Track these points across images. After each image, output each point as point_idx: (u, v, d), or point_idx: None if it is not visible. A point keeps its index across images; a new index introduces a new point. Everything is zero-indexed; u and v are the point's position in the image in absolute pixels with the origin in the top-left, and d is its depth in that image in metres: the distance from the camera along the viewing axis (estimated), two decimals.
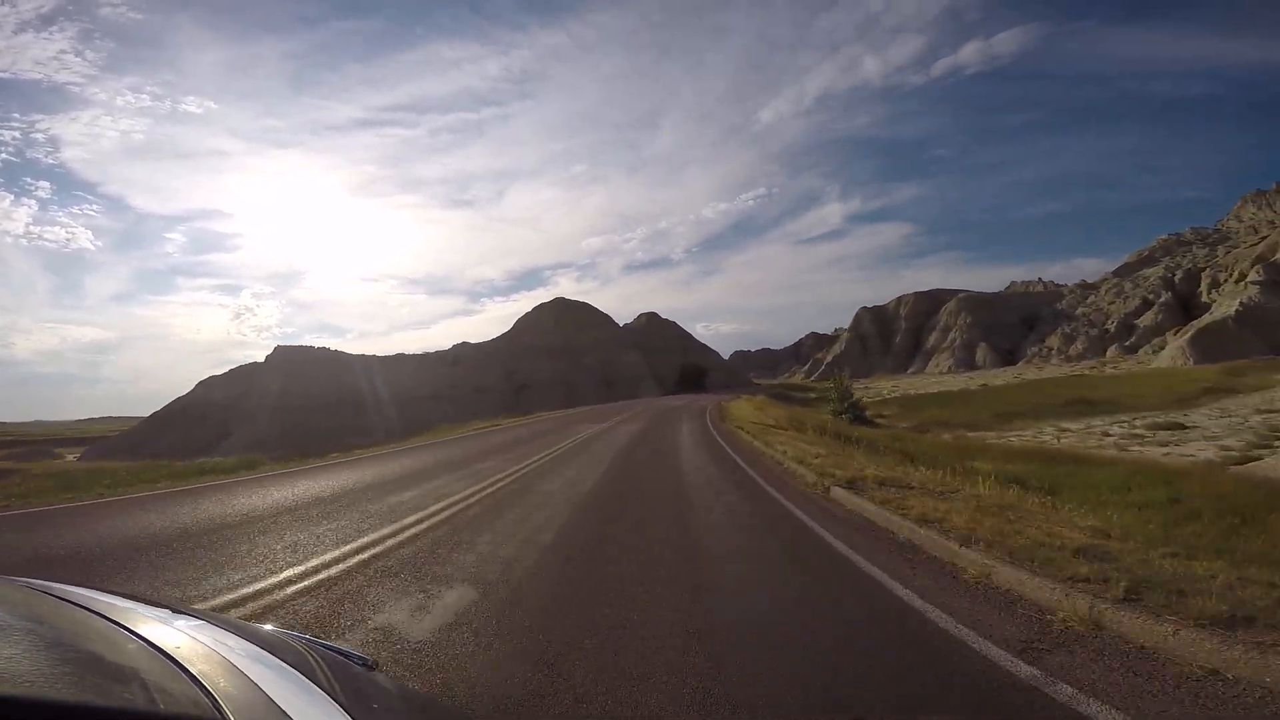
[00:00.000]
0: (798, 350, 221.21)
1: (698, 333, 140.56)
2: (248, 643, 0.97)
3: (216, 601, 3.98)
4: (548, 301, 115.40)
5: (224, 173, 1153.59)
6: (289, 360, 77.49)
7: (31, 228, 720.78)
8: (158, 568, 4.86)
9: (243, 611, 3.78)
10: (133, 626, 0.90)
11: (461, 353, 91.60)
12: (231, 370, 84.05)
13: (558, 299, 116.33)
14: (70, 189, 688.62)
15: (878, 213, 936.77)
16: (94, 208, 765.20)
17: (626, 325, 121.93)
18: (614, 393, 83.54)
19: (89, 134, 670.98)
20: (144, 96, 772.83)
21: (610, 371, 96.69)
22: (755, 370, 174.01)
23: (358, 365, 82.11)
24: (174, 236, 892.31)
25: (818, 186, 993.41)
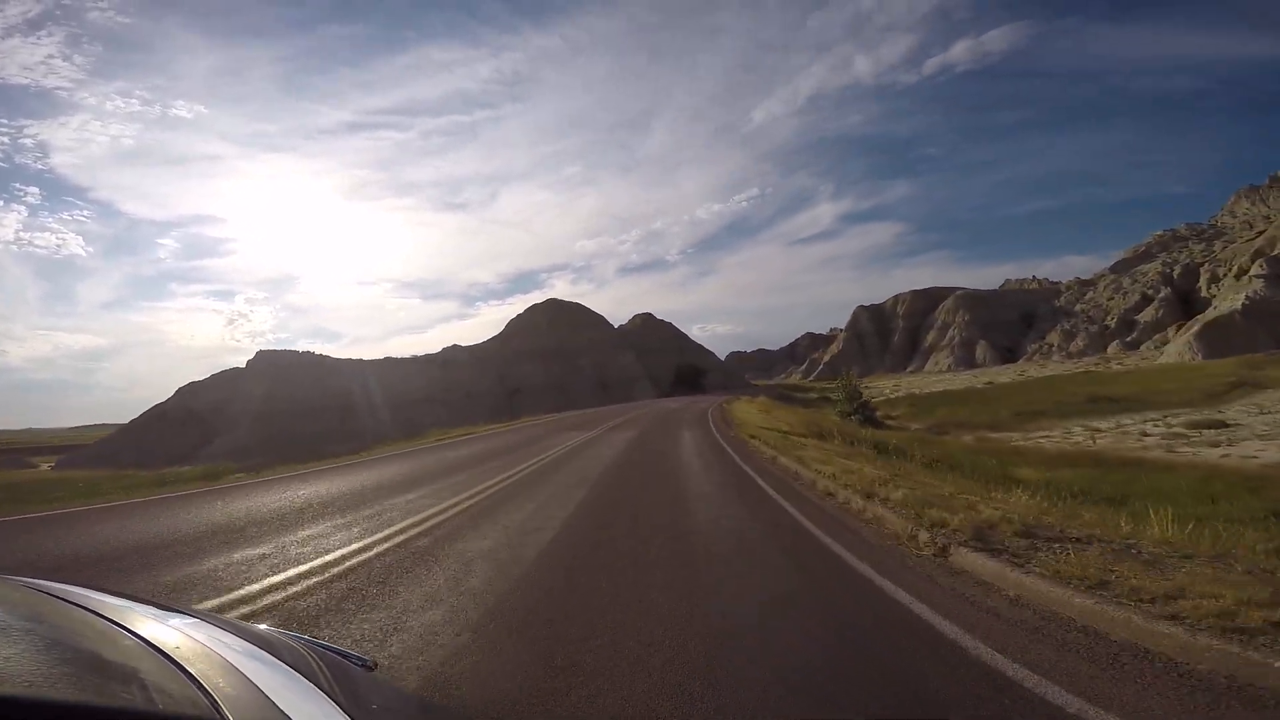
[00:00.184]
0: (793, 351, 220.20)
1: (693, 334, 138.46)
2: (247, 643, 0.96)
3: None
4: (541, 302, 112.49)
5: (216, 177, 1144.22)
6: (272, 365, 74.89)
7: (22, 234, 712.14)
8: None
9: None
10: (132, 626, 0.90)
11: (452, 356, 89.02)
12: (213, 376, 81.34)
13: (551, 300, 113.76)
14: (60, 195, 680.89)
15: (870, 212, 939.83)
16: (85, 214, 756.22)
17: (621, 326, 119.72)
18: (609, 395, 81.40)
19: (78, 139, 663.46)
20: (133, 101, 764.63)
21: (605, 374, 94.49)
22: (751, 371, 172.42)
23: (344, 370, 79.56)
24: (166, 242, 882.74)
25: (810, 187, 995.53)
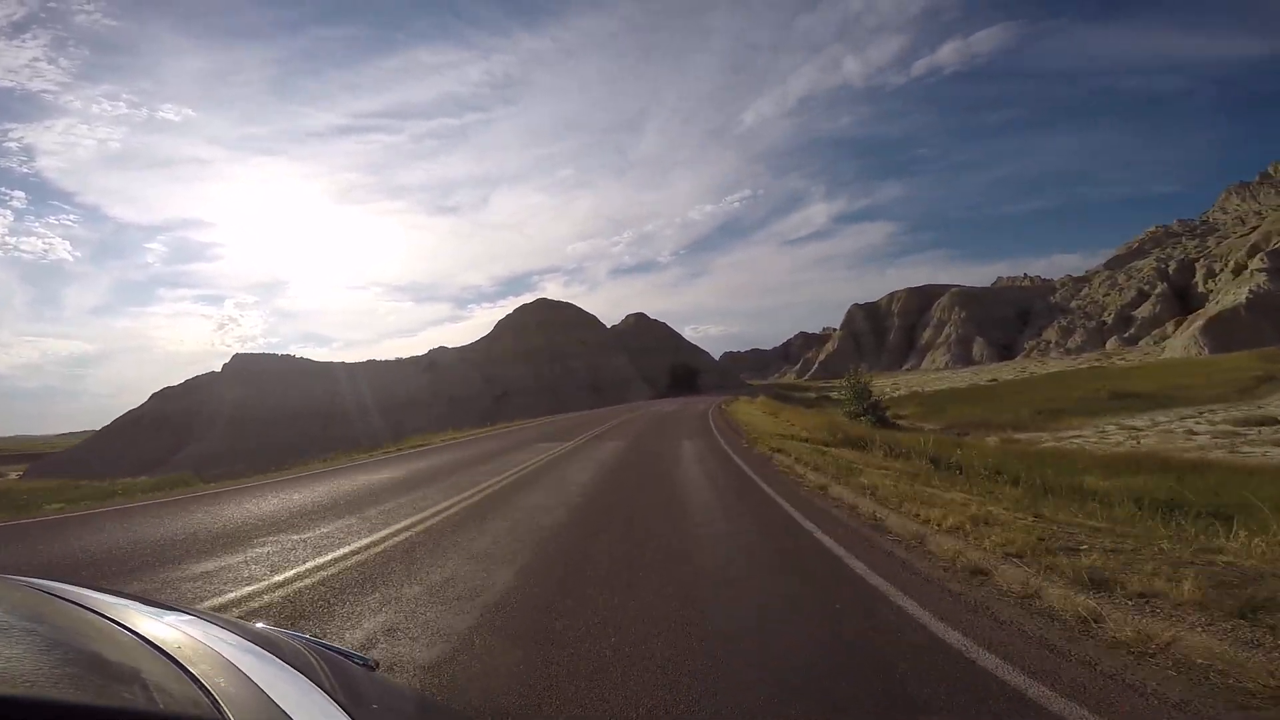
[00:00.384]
0: (787, 350, 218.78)
1: (687, 335, 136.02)
2: (248, 642, 0.96)
3: None
4: (530, 302, 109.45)
5: (204, 181, 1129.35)
6: (247, 370, 71.77)
7: (7, 239, 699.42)
8: None
9: None
10: (133, 626, 0.89)
11: (437, 358, 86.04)
12: (188, 381, 78.30)
13: (540, 300, 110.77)
14: (46, 199, 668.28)
15: (862, 212, 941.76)
16: (71, 218, 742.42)
17: (614, 327, 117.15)
18: (602, 397, 78.82)
19: (64, 143, 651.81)
20: (120, 104, 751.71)
21: (597, 375, 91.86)
22: (745, 371, 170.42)
23: (324, 374, 76.51)
24: (154, 246, 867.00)
25: (802, 187, 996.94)
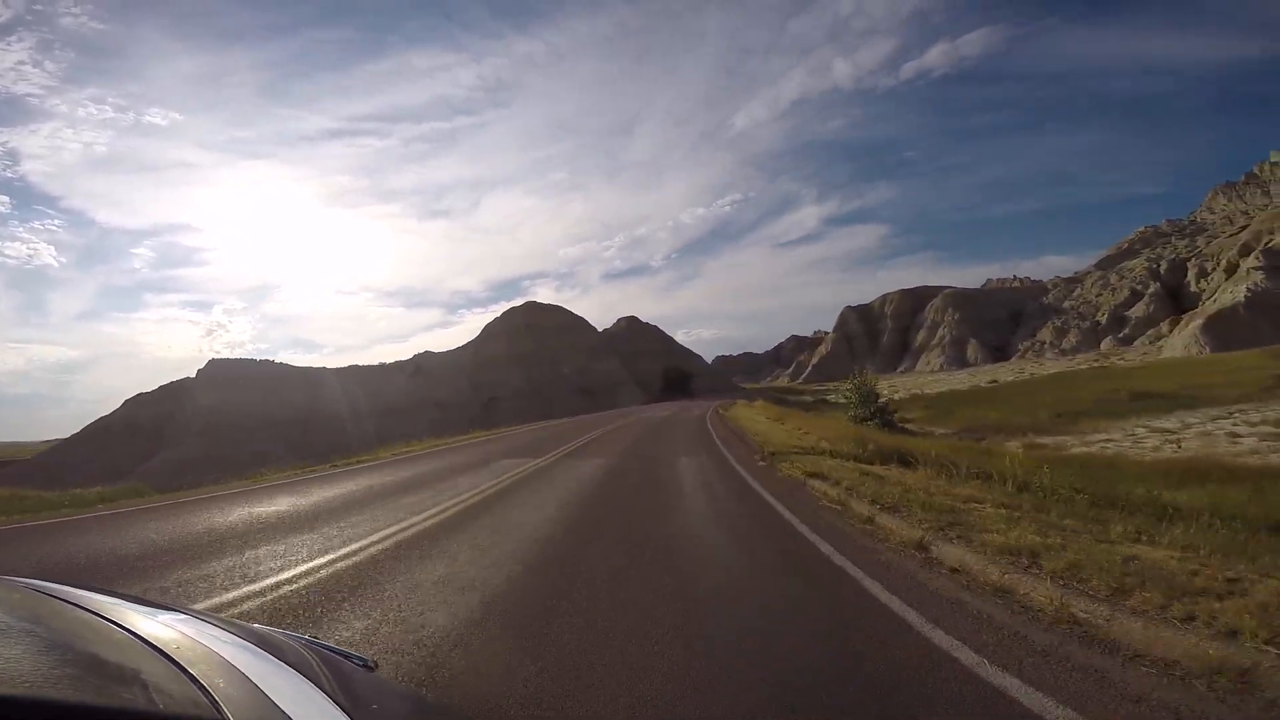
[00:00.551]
0: (779, 354, 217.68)
1: (679, 339, 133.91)
2: (247, 643, 0.96)
3: None
4: (519, 305, 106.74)
5: (191, 185, 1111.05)
6: (222, 375, 68.88)
7: None
8: None
9: None
10: (132, 627, 0.89)
11: (423, 363, 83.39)
12: (162, 387, 75.22)
13: (529, 303, 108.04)
14: (31, 203, 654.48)
15: (853, 215, 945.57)
16: (56, 223, 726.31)
17: (606, 330, 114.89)
18: (593, 402, 76.59)
19: (50, 146, 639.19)
20: (106, 108, 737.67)
21: (588, 379, 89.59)
22: (737, 375, 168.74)
23: (304, 379, 73.74)
24: (141, 251, 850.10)
25: (794, 190, 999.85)
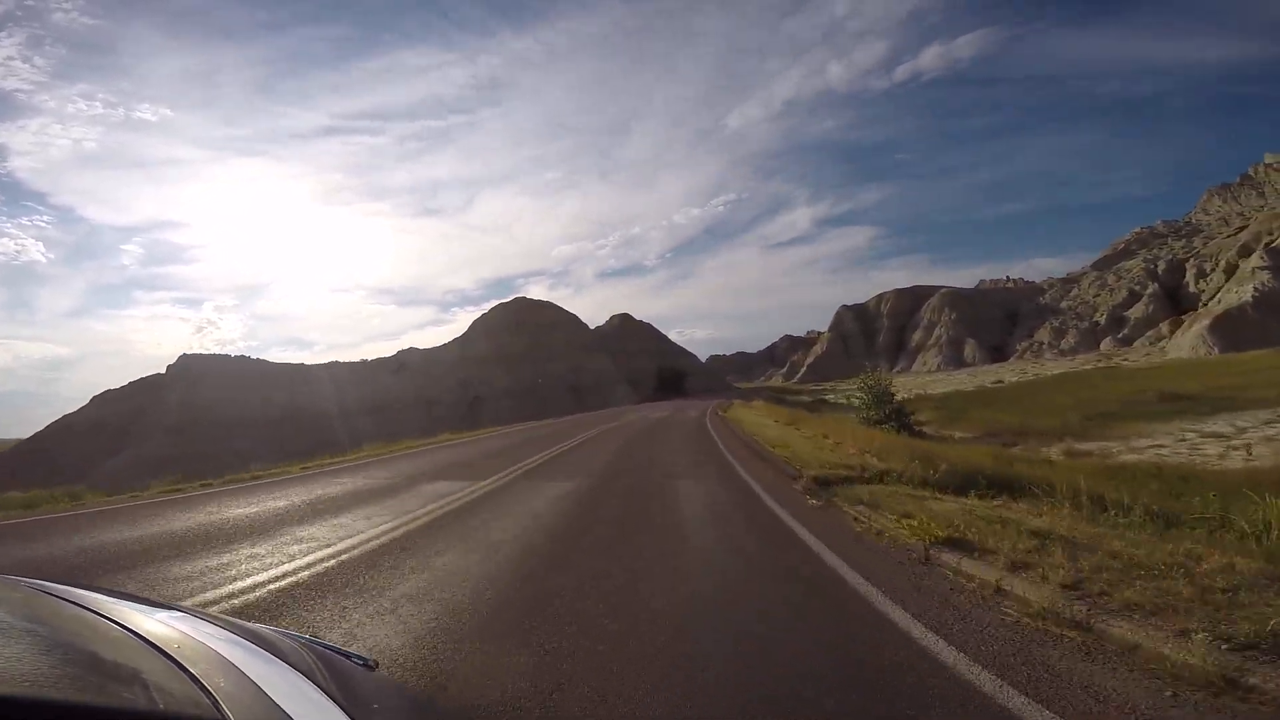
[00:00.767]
0: (773, 353, 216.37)
1: (673, 338, 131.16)
2: (248, 642, 0.95)
3: None
4: (508, 301, 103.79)
5: (182, 182, 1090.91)
6: (194, 371, 65.74)
7: None
8: None
9: None
10: (133, 626, 0.89)
11: (407, 359, 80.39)
12: (132, 383, 71.88)
13: (518, 299, 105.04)
14: (19, 199, 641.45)
15: (845, 216, 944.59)
16: (44, 219, 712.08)
17: (598, 328, 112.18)
18: (583, 401, 74.03)
19: (38, 142, 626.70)
20: (96, 104, 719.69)
21: (580, 378, 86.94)
22: (731, 374, 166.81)
23: (283, 376, 70.68)
24: (130, 248, 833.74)
25: (787, 191, 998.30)
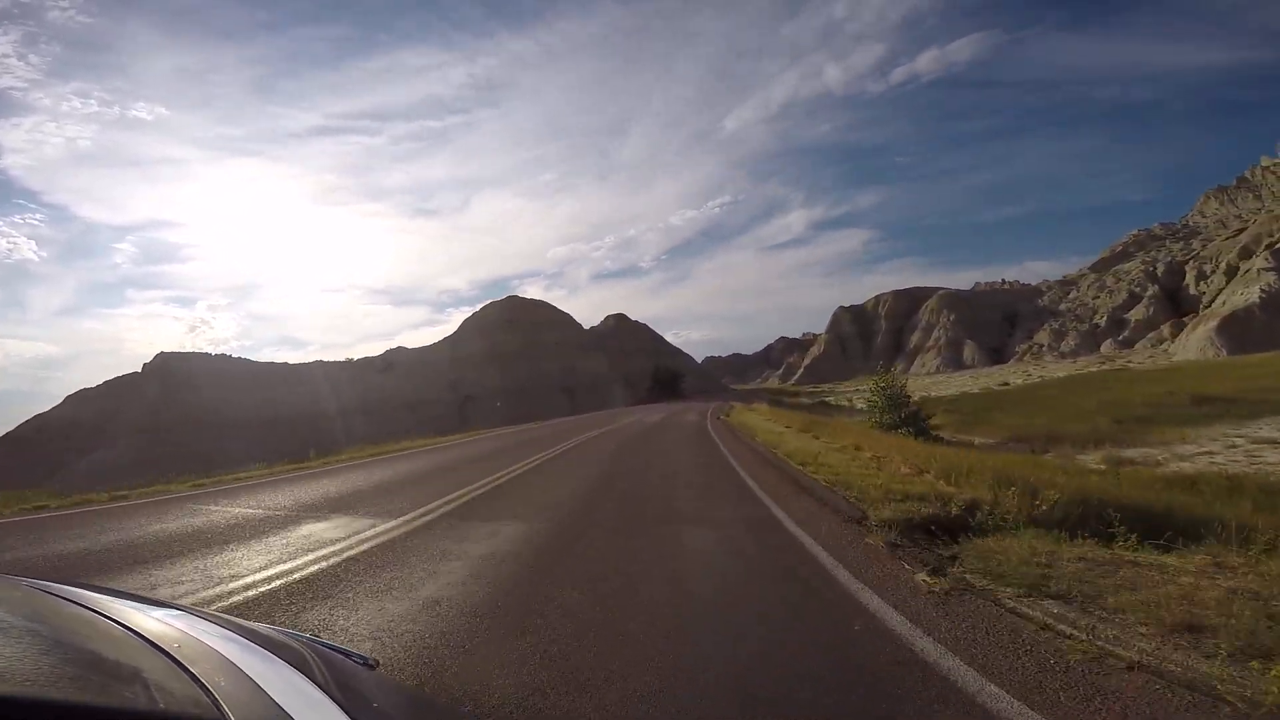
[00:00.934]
0: (768, 355, 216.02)
1: (669, 340, 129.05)
2: (248, 642, 0.96)
3: None
4: (500, 299, 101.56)
5: (176, 181, 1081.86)
6: (171, 370, 63.24)
7: None
8: None
9: None
10: (133, 625, 0.89)
11: (394, 359, 77.97)
12: (107, 382, 69.25)
13: (510, 297, 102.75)
14: (11, 197, 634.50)
15: (840, 219, 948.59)
16: (37, 217, 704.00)
17: (594, 328, 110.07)
18: (576, 402, 71.93)
19: (32, 140, 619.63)
20: (91, 102, 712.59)
21: (574, 378, 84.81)
22: (727, 376, 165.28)
23: (265, 375, 68.23)
24: (123, 247, 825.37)
25: (782, 194, 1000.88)
